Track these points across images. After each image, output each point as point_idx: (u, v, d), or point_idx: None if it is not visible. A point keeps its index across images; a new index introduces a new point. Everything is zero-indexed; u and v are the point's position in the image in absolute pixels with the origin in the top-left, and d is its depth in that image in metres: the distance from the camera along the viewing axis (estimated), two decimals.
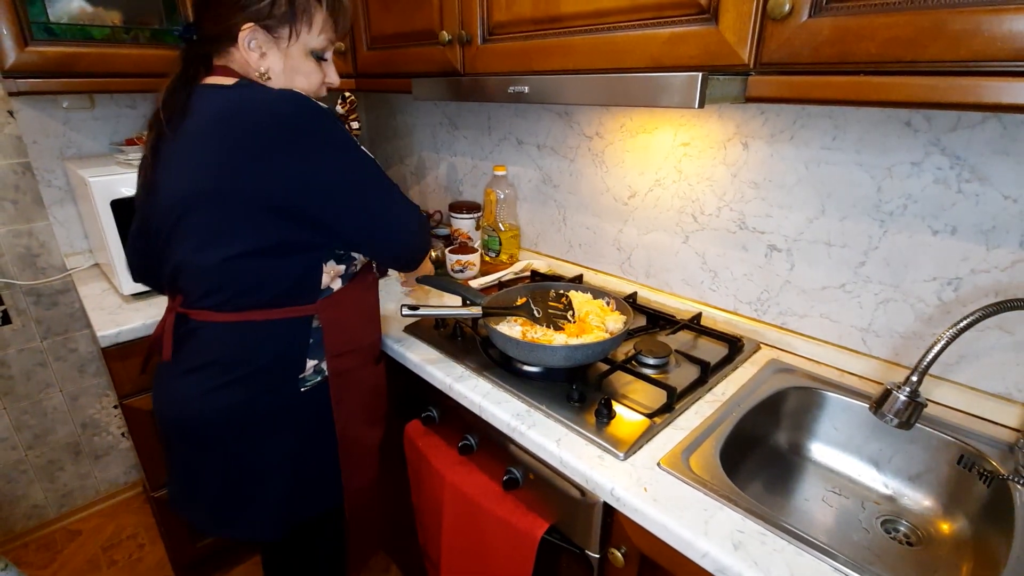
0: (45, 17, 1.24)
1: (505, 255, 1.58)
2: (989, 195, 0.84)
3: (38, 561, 1.72)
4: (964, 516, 0.84)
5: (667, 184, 1.24)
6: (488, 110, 1.63)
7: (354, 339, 0.99)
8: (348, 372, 0.98)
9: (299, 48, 0.88)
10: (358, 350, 1.00)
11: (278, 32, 0.85)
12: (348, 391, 0.99)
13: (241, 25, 0.83)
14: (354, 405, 1.01)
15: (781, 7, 0.67)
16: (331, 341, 0.94)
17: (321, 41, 0.90)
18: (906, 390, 0.72)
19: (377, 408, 1.09)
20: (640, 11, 0.84)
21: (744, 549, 0.66)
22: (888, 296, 0.97)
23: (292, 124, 0.79)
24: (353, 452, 1.02)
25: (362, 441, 1.04)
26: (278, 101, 0.80)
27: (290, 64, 0.89)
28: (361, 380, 1.02)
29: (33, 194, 1.56)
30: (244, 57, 0.86)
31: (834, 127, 0.97)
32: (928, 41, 0.59)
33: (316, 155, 0.81)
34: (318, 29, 0.88)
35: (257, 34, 0.84)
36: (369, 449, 1.07)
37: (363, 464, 1.06)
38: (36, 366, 1.69)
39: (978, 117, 0.82)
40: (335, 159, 0.83)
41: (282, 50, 0.87)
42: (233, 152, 0.79)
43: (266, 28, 0.84)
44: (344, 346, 0.96)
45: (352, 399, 1.00)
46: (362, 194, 0.87)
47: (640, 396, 0.95)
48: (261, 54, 0.87)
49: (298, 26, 0.86)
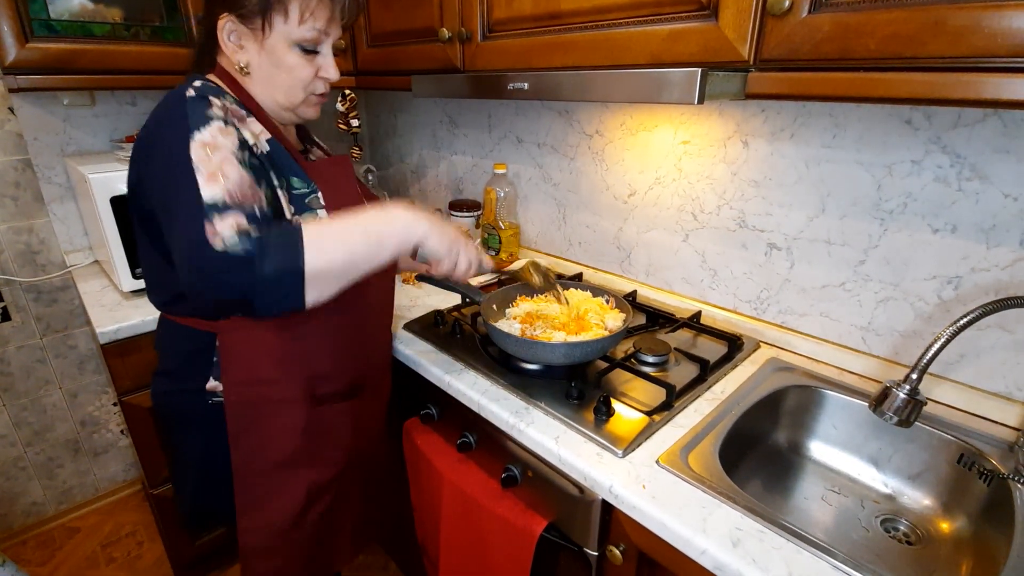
0: (46, 14, 1.24)
1: (505, 253, 1.58)
2: (989, 193, 0.84)
3: (37, 558, 1.72)
4: (964, 515, 0.84)
5: (667, 182, 1.24)
6: (488, 108, 1.63)
7: (260, 371, 0.86)
8: (257, 404, 0.87)
9: (279, 40, 0.81)
10: (269, 381, 0.87)
11: (253, 23, 0.80)
12: (256, 426, 0.88)
13: (218, 16, 0.80)
14: (264, 441, 0.89)
15: (781, 3, 0.67)
16: (227, 366, 0.85)
17: (306, 31, 0.81)
18: (906, 388, 0.72)
19: (312, 450, 0.93)
20: (640, 8, 0.84)
21: (742, 547, 0.65)
22: (888, 295, 0.97)
23: (147, 129, 0.78)
24: (254, 490, 0.91)
25: (272, 481, 0.91)
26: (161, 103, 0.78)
27: (269, 58, 0.83)
28: (282, 417, 0.89)
29: (33, 191, 1.56)
30: (224, 50, 0.83)
31: (834, 125, 0.96)
32: (928, 37, 0.59)
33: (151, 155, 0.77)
34: (297, 18, 0.80)
35: (234, 25, 0.80)
36: (283, 491, 0.92)
37: (269, 505, 0.92)
38: (35, 363, 1.68)
39: (978, 115, 0.82)
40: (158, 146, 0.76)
41: (259, 42, 0.82)
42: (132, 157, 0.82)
43: (241, 18, 0.80)
44: (246, 375, 0.86)
45: (262, 435, 0.89)
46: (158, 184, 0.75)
47: (639, 394, 0.94)
48: (238, 46, 0.83)
49: (271, 16, 0.79)
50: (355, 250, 0.73)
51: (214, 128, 0.73)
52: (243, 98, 0.85)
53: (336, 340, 0.91)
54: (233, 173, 0.72)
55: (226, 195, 0.70)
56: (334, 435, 0.95)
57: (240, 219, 0.69)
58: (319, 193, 0.85)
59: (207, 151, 0.71)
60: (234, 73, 0.85)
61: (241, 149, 0.76)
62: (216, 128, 0.74)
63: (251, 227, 0.69)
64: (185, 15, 1.41)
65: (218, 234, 0.67)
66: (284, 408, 0.89)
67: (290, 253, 0.68)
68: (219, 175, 0.71)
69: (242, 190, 0.72)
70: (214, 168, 0.71)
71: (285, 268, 0.68)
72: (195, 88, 0.77)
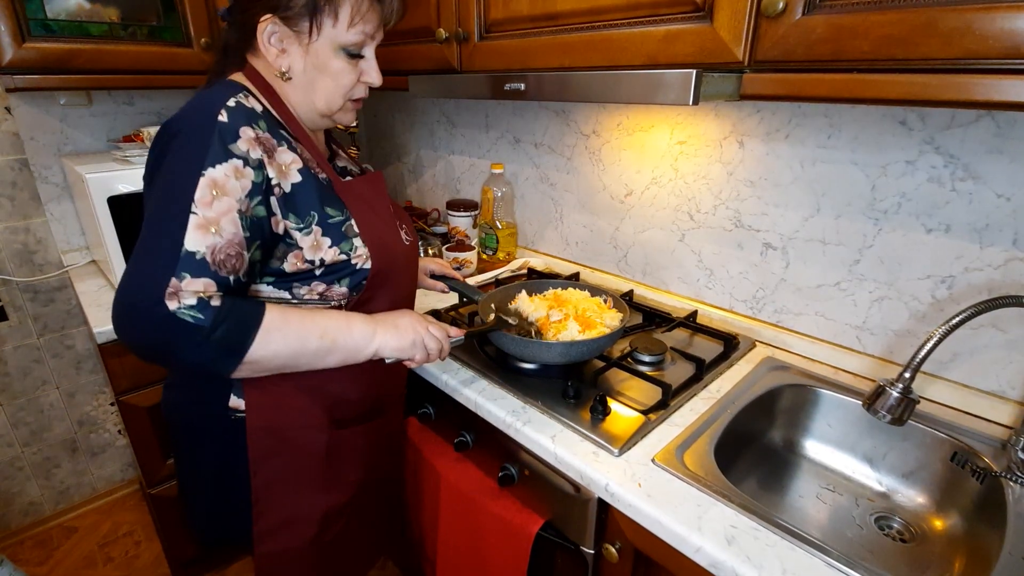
0: (43, 14, 1.24)
1: (502, 253, 1.58)
2: (982, 193, 0.84)
3: (34, 558, 1.72)
4: (957, 513, 0.84)
5: (663, 182, 1.25)
6: (486, 108, 1.63)
7: (285, 398, 0.84)
8: (281, 430, 0.84)
9: (325, 44, 0.77)
10: (295, 409, 0.85)
11: (299, 25, 0.75)
12: (280, 450, 0.85)
13: (259, 16, 0.75)
14: (285, 467, 0.86)
15: (775, 5, 0.68)
16: (251, 391, 0.81)
17: (354, 35, 0.77)
18: (899, 387, 0.73)
19: (332, 475, 0.91)
20: (636, 9, 0.84)
21: (737, 544, 0.66)
22: (882, 294, 0.98)
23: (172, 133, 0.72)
24: (273, 515, 0.88)
25: (291, 506, 0.88)
26: (184, 110, 0.73)
27: (314, 63, 0.78)
28: (304, 442, 0.87)
29: (30, 190, 1.55)
30: (264, 52, 0.77)
31: (829, 126, 0.97)
32: (921, 39, 0.59)
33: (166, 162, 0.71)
34: (346, 22, 0.76)
35: (277, 27, 0.75)
36: (302, 516, 0.90)
37: (288, 530, 0.90)
38: (32, 363, 1.68)
39: (972, 115, 0.82)
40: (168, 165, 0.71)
41: (304, 46, 0.77)
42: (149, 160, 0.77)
43: (285, 20, 0.75)
44: (269, 399, 0.83)
45: (284, 460, 0.86)
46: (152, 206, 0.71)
47: (635, 393, 0.95)
48: (280, 51, 0.77)
49: (320, 19, 0.75)
50: (303, 352, 0.74)
51: (229, 167, 0.69)
52: (275, 104, 0.80)
53: (362, 365, 0.86)
54: (228, 229, 0.69)
55: (209, 254, 0.67)
56: (352, 458, 0.93)
57: (210, 286, 0.67)
58: (352, 220, 0.81)
59: (213, 193, 0.68)
60: (269, 78, 0.80)
61: (251, 196, 0.71)
62: (232, 168, 0.69)
63: (217, 295, 0.67)
64: (182, 15, 1.41)
65: (178, 295, 0.64)
66: (306, 434, 0.86)
67: (240, 338, 0.68)
68: (212, 228, 0.67)
69: (228, 252, 0.69)
70: (212, 217, 0.67)
71: (230, 347, 0.68)
72: (228, 111, 0.71)
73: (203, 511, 0.96)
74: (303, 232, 0.77)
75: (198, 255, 0.66)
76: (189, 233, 0.66)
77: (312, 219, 0.77)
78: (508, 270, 1.51)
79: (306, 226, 0.77)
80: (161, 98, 1.69)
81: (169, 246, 0.65)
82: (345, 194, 0.83)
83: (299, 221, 0.76)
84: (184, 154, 0.69)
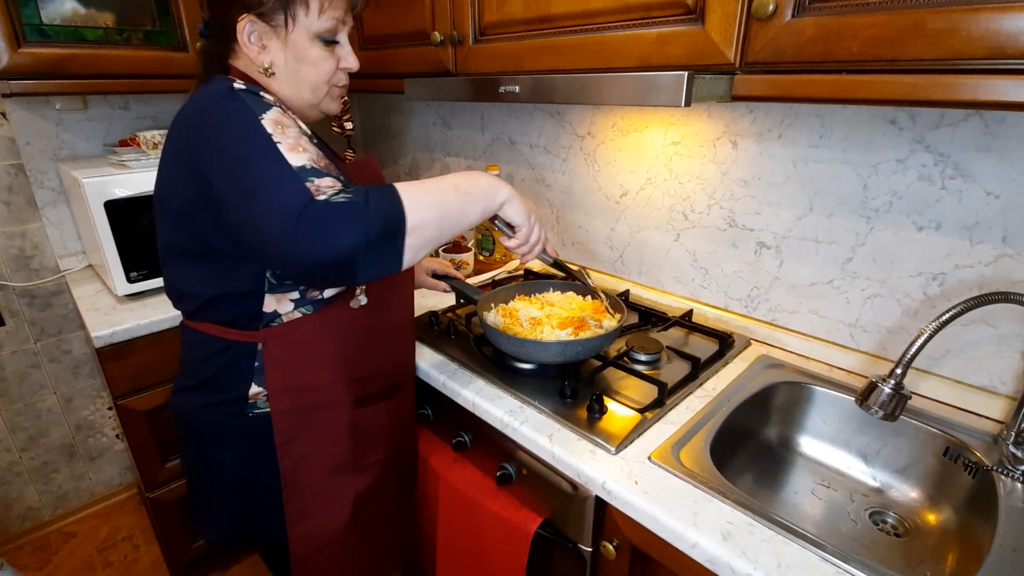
0: (38, 19, 1.24)
1: (499, 254, 1.59)
2: (972, 191, 0.85)
3: (33, 563, 1.72)
4: (950, 507, 0.85)
5: (658, 183, 1.26)
6: (481, 110, 1.64)
7: (307, 378, 0.86)
8: (304, 411, 0.87)
9: (301, 34, 0.80)
10: (318, 388, 0.87)
11: (274, 20, 0.78)
12: (304, 431, 0.88)
13: (237, 18, 0.78)
14: (311, 447, 0.89)
15: (765, 7, 0.68)
16: (272, 376, 0.84)
17: (326, 22, 0.80)
18: (891, 383, 0.74)
19: (358, 454, 0.93)
20: (628, 11, 0.85)
21: (733, 539, 0.67)
22: (875, 291, 0.99)
23: (195, 123, 0.75)
24: (304, 497, 0.90)
25: (321, 488, 0.91)
26: (199, 101, 0.76)
27: (294, 54, 0.81)
28: (327, 422, 0.89)
29: (26, 195, 1.55)
30: (245, 53, 0.80)
31: (821, 125, 0.98)
32: (908, 40, 0.60)
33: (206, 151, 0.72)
34: (317, 9, 0.79)
35: (254, 25, 0.78)
36: (333, 497, 0.92)
37: (320, 512, 0.92)
38: (30, 368, 1.68)
39: (960, 115, 0.84)
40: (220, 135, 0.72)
41: (281, 39, 0.80)
42: (165, 158, 0.80)
43: (261, 17, 0.78)
44: (292, 383, 0.86)
45: (309, 441, 0.88)
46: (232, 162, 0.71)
47: (632, 392, 0.96)
48: (261, 47, 0.80)
49: (293, 9, 0.78)
50: (447, 207, 0.74)
51: (275, 112, 0.73)
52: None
53: (374, 340, 0.92)
54: (310, 147, 0.72)
55: (312, 163, 0.70)
56: (375, 437, 0.95)
57: (335, 183, 0.70)
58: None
59: (280, 128, 0.71)
60: (255, 75, 0.83)
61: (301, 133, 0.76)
62: (277, 112, 0.74)
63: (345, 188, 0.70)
64: (177, 19, 1.41)
65: (319, 190, 0.67)
66: (329, 413, 0.89)
67: (392, 205, 0.69)
68: (300, 147, 0.71)
69: (322, 162, 0.72)
70: (292, 143, 0.70)
71: (389, 216, 0.68)
72: (238, 86, 0.75)
73: (219, 515, 0.96)
74: None
75: (307, 166, 0.69)
76: (287, 156, 0.69)
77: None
78: (504, 271, 1.52)
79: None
80: (157, 102, 1.70)
81: (282, 167, 0.68)
82: (348, 170, 0.85)
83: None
84: (233, 120, 0.71)
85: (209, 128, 0.73)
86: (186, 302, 0.87)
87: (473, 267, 1.55)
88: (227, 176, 0.71)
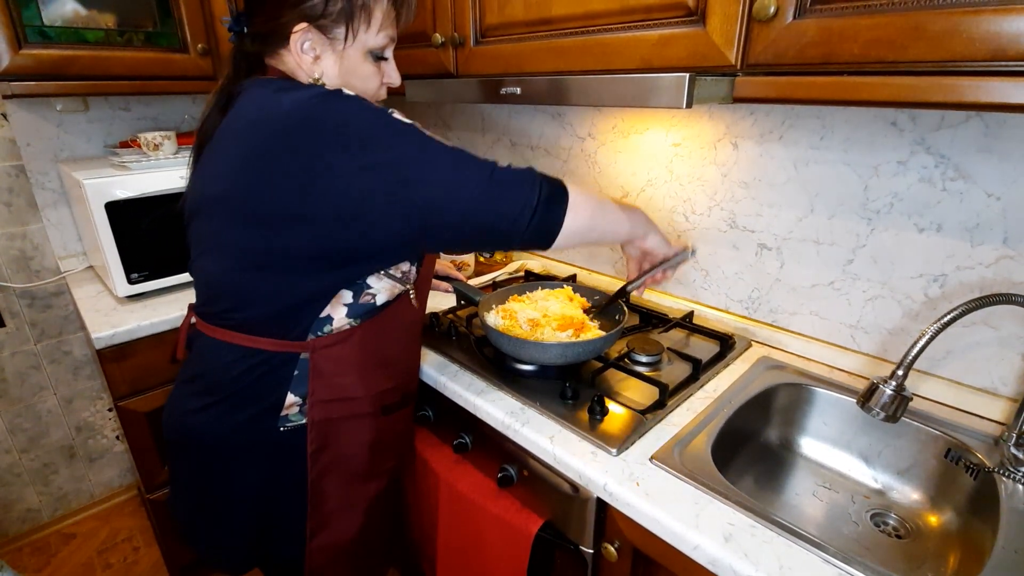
0: (39, 20, 1.24)
1: (500, 255, 1.59)
2: (973, 193, 0.85)
3: (33, 565, 1.72)
4: (951, 508, 0.85)
5: (659, 184, 1.26)
6: (482, 112, 1.64)
7: (348, 389, 0.85)
8: (336, 421, 0.86)
9: (356, 49, 0.79)
10: (353, 399, 0.87)
11: (333, 32, 0.77)
12: (333, 441, 0.87)
13: (293, 25, 0.75)
14: (337, 457, 0.88)
15: (767, 9, 0.68)
16: (315, 386, 0.83)
17: (381, 39, 0.80)
18: (892, 384, 0.74)
19: (376, 462, 0.93)
20: (630, 13, 0.85)
21: (734, 541, 0.67)
22: (876, 293, 0.99)
23: (308, 123, 0.69)
24: (326, 507, 0.90)
25: (341, 496, 0.91)
26: (296, 102, 0.70)
27: (346, 67, 0.80)
28: (353, 432, 0.89)
29: (27, 197, 1.56)
30: (296, 60, 0.78)
31: (822, 127, 0.98)
32: (909, 42, 0.60)
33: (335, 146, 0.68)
34: (377, 26, 0.79)
35: (311, 35, 0.76)
36: (351, 505, 0.92)
37: (338, 521, 0.92)
38: (30, 369, 1.68)
39: (961, 116, 0.84)
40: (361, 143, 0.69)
41: (337, 52, 0.79)
42: (248, 157, 0.72)
43: (320, 28, 0.76)
44: (331, 394, 0.84)
45: (336, 450, 0.88)
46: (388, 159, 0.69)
47: (633, 393, 0.96)
48: (315, 57, 0.78)
49: (356, 24, 0.77)
50: (604, 210, 0.82)
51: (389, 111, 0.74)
52: None
53: (400, 349, 0.93)
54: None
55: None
56: (390, 444, 0.96)
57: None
58: None
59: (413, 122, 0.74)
60: (300, 79, 0.80)
61: None
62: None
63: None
64: (178, 20, 1.41)
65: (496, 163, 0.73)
66: (357, 422, 0.88)
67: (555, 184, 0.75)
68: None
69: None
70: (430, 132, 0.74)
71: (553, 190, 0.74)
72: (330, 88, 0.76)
73: (236, 537, 0.92)
74: None
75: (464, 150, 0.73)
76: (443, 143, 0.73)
77: None
78: (505, 272, 1.52)
79: None
80: (158, 104, 1.69)
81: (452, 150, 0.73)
82: None
83: None
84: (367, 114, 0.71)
85: (336, 126, 0.69)
86: (246, 311, 0.80)
87: (474, 268, 1.55)
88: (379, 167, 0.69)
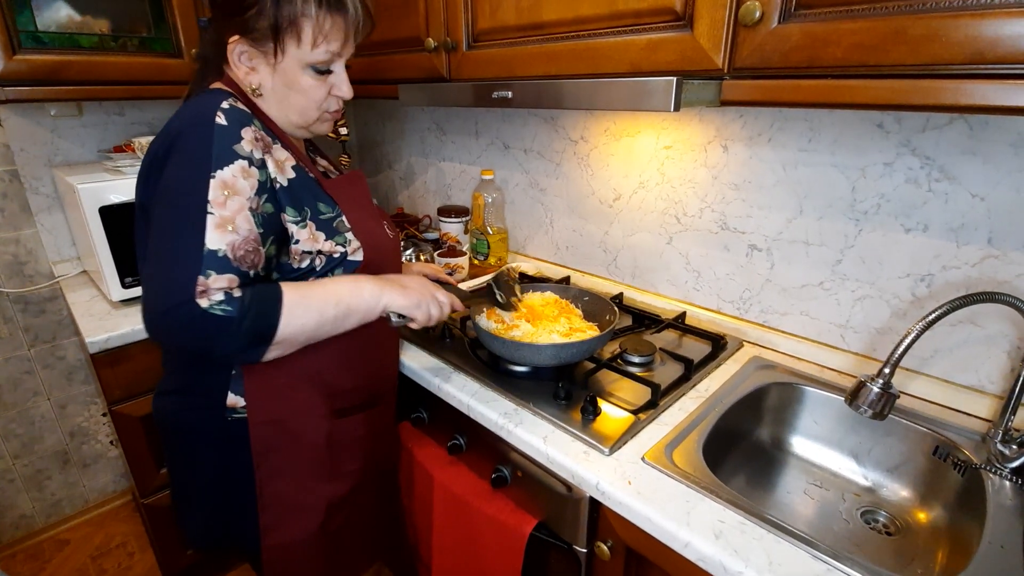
0: (33, 26, 1.25)
1: (493, 258, 1.60)
2: (958, 194, 0.87)
3: (26, 571, 1.71)
4: (940, 505, 0.86)
5: (651, 186, 1.27)
6: (475, 115, 1.65)
7: (286, 391, 0.86)
8: (280, 422, 0.86)
9: (292, 63, 0.79)
10: (296, 401, 0.87)
11: (265, 46, 0.78)
12: (280, 442, 0.87)
13: (228, 36, 0.78)
14: (288, 459, 0.89)
15: (752, 13, 0.70)
16: (250, 389, 0.84)
17: (320, 55, 0.79)
18: (879, 382, 0.75)
19: (334, 464, 0.94)
20: (619, 18, 0.86)
21: (724, 538, 0.67)
22: (864, 293, 1.00)
23: (171, 142, 0.73)
24: (278, 508, 0.90)
25: (293, 497, 0.91)
26: (178, 118, 0.75)
27: (283, 80, 0.80)
28: (303, 433, 0.89)
29: (20, 201, 1.55)
30: (235, 70, 0.80)
31: (810, 129, 0.99)
32: (890, 46, 0.62)
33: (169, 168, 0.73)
34: (310, 42, 0.77)
35: (244, 47, 0.78)
36: (306, 507, 0.92)
37: (291, 521, 0.92)
38: (23, 374, 1.68)
39: (945, 118, 0.85)
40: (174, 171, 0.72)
41: (271, 65, 0.79)
42: (146, 165, 0.78)
43: (252, 41, 0.77)
44: (268, 395, 0.85)
45: (285, 451, 0.88)
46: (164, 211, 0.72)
47: (625, 393, 0.96)
48: (250, 69, 0.80)
49: (283, 42, 0.77)
50: (324, 319, 0.77)
51: (237, 168, 0.72)
52: (256, 111, 0.82)
53: (354, 354, 0.92)
54: (244, 226, 0.72)
55: (229, 250, 0.70)
56: (352, 448, 0.96)
57: (234, 281, 0.70)
58: (344, 216, 0.85)
59: (225, 193, 0.70)
60: (245, 89, 0.82)
61: (259, 194, 0.75)
62: (239, 168, 0.72)
63: (238, 287, 0.71)
64: (172, 26, 1.42)
65: (207, 292, 0.68)
66: (308, 423, 0.89)
67: (267, 321, 0.72)
68: (229, 226, 0.70)
69: (246, 248, 0.72)
70: (228, 216, 0.70)
71: (260, 333, 0.72)
72: (224, 112, 0.74)
73: (201, 516, 0.96)
74: (299, 225, 0.80)
75: (220, 252, 0.69)
76: (209, 233, 0.69)
77: (307, 213, 0.81)
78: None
79: (302, 219, 0.81)
80: (152, 109, 1.70)
81: (192, 247, 0.68)
82: (333, 191, 0.86)
83: (296, 214, 0.80)
84: (190, 159, 0.72)
85: (176, 155, 0.72)
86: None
87: (468, 271, 1.55)
88: (156, 219, 0.72)
